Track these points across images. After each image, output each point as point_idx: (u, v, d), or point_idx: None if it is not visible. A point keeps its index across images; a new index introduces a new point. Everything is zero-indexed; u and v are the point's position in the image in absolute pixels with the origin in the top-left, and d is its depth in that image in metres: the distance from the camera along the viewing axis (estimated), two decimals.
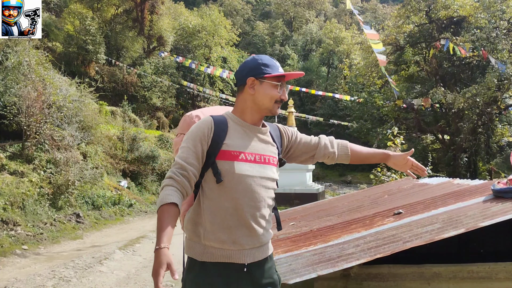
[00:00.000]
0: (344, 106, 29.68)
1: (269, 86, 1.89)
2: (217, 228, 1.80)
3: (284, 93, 1.93)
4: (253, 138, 1.91)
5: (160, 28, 27.31)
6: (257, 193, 1.83)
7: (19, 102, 10.60)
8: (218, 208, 1.81)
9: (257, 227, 1.84)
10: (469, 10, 17.17)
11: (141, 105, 25.00)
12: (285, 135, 2.08)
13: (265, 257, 1.90)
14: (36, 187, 9.97)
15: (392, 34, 19.66)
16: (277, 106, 1.92)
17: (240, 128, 1.90)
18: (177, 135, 2.26)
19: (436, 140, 20.34)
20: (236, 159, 1.81)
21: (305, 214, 4.42)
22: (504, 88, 15.59)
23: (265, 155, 1.90)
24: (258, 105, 1.90)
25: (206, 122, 1.86)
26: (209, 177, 1.83)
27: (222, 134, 1.84)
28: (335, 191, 21.80)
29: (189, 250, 1.87)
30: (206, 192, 1.84)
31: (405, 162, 2.20)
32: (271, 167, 1.92)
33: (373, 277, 2.70)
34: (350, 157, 2.19)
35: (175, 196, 1.72)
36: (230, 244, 1.80)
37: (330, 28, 40.77)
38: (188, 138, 1.85)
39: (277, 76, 1.89)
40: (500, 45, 16.22)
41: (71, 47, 22.13)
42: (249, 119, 1.92)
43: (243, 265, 1.82)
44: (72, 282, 5.97)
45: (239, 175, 1.80)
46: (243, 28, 43.65)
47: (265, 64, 1.91)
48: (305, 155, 2.14)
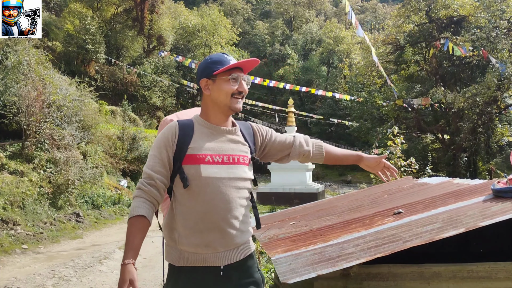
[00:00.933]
0: (344, 105, 29.68)
1: (222, 82, 1.86)
2: (190, 232, 1.80)
3: (241, 85, 1.89)
4: (221, 139, 1.88)
5: (160, 27, 27.32)
6: (227, 194, 1.82)
7: (19, 102, 10.60)
8: (189, 212, 1.80)
9: (229, 229, 1.82)
10: (469, 9, 17.17)
11: (141, 105, 25.01)
12: (259, 133, 2.06)
13: (243, 258, 1.89)
14: (36, 187, 9.97)
15: (392, 33, 19.66)
16: (236, 100, 1.88)
17: (207, 131, 1.88)
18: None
19: (436, 139, 20.35)
20: (202, 162, 1.80)
21: (305, 214, 4.42)
22: (504, 87, 15.59)
23: (234, 155, 1.88)
24: (217, 104, 1.88)
25: (170, 128, 1.85)
26: (178, 182, 1.82)
27: (187, 138, 1.82)
28: (335, 191, 21.80)
29: (167, 255, 1.89)
30: (177, 197, 1.84)
31: (377, 164, 2.24)
32: (242, 167, 1.90)
33: (373, 276, 2.71)
34: (324, 156, 2.21)
35: (143, 207, 1.73)
36: (203, 248, 1.80)
37: (330, 28, 40.76)
38: (154, 146, 1.86)
39: (227, 70, 1.86)
40: (500, 44, 16.22)
41: (71, 47, 22.13)
42: (214, 121, 1.90)
43: (219, 268, 1.81)
44: (72, 282, 5.98)
45: (206, 178, 1.79)
46: (243, 28, 43.66)
47: (214, 61, 1.89)
48: (280, 153, 2.13)
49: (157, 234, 9.59)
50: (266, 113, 31.70)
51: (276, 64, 40.84)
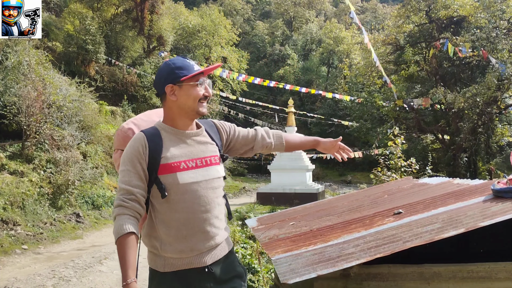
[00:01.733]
0: (344, 106, 29.67)
1: (189, 88, 1.86)
2: (173, 239, 1.81)
3: (207, 89, 1.91)
4: (190, 143, 1.90)
5: (160, 28, 27.31)
6: (205, 196, 1.85)
7: (19, 102, 10.60)
8: (170, 220, 1.81)
9: (211, 229, 1.86)
10: (469, 9, 17.16)
11: (141, 105, 24.99)
12: (223, 130, 2.08)
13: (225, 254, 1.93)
14: (36, 187, 9.97)
15: (392, 34, 19.66)
16: (201, 104, 1.89)
17: (175, 137, 1.88)
18: (115, 150, 2.20)
19: (436, 140, 20.34)
20: (177, 170, 1.81)
21: (305, 214, 4.42)
22: (504, 88, 15.59)
23: (205, 157, 1.90)
24: (184, 109, 1.88)
25: (139, 140, 1.82)
26: (155, 192, 1.82)
27: (157, 148, 1.82)
28: (335, 191, 21.80)
29: (151, 262, 1.91)
30: (156, 207, 1.84)
31: (332, 146, 2.33)
32: (215, 167, 1.92)
33: (373, 277, 2.71)
34: (285, 146, 2.27)
35: (130, 224, 1.72)
36: (188, 252, 1.82)
37: (330, 28, 40.74)
38: (125, 160, 1.82)
39: (194, 76, 1.87)
40: (500, 45, 16.21)
41: (71, 47, 22.12)
42: (180, 126, 1.90)
43: (204, 267, 1.85)
44: (72, 282, 5.97)
45: (184, 184, 1.80)
46: (243, 28, 43.65)
47: (179, 67, 1.88)
48: (244, 147, 2.17)
49: None
50: (266, 113, 31.68)
51: (276, 64, 40.84)
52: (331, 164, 28.84)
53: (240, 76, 21.95)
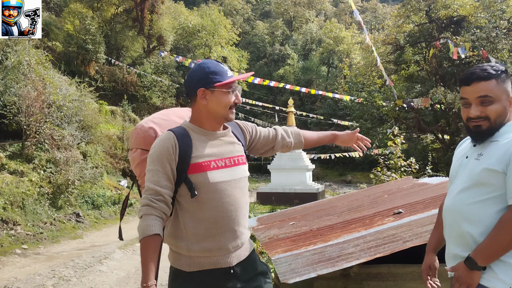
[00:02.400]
0: (344, 105, 29.67)
1: (221, 94, 1.86)
2: (201, 238, 1.82)
3: (237, 97, 1.92)
4: (218, 143, 1.91)
5: (160, 27, 27.29)
6: (234, 195, 1.86)
7: (19, 102, 10.60)
8: (199, 219, 1.82)
9: (239, 228, 1.88)
10: (469, 9, 17.16)
11: (141, 105, 25.00)
12: (246, 130, 2.10)
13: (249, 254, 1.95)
14: (36, 187, 9.97)
15: (392, 33, 19.66)
16: (231, 111, 1.91)
17: (204, 137, 1.89)
18: (131, 149, 2.18)
19: (436, 139, 20.34)
20: (208, 169, 1.82)
21: (305, 214, 4.42)
22: None
23: (233, 157, 1.92)
24: (213, 114, 1.89)
25: (168, 139, 1.82)
26: (184, 192, 1.82)
27: (187, 148, 1.82)
28: (335, 191, 21.79)
29: (175, 261, 1.91)
30: (183, 206, 1.85)
31: (350, 138, 2.34)
32: (242, 167, 1.95)
33: (373, 276, 2.71)
34: (304, 143, 2.29)
35: (156, 225, 1.74)
36: (216, 251, 1.83)
37: (330, 28, 40.72)
38: (154, 160, 1.81)
39: (227, 83, 1.87)
40: (500, 44, 16.22)
41: (71, 47, 22.11)
42: (208, 127, 1.91)
43: (229, 268, 1.85)
44: (72, 282, 5.98)
45: (214, 183, 1.81)
46: (243, 28, 43.63)
47: (213, 72, 1.87)
48: (265, 147, 2.19)
49: None
50: (266, 113, 31.67)
51: (276, 64, 40.82)
52: (331, 164, 28.84)
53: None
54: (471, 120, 1.78)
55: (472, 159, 1.82)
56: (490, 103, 1.74)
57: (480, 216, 1.72)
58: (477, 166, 1.76)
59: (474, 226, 1.73)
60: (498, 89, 1.74)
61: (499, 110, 1.75)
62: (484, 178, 1.72)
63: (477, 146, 1.84)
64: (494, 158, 1.71)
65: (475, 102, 1.76)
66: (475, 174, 1.75)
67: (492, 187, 1.71)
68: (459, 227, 1.78)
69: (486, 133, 1.77)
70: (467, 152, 1.89)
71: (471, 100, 1.78)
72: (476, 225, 1.73)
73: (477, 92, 1.75)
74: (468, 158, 1.85)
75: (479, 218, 1.72)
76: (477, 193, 1.74)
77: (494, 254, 1.66)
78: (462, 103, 1.84)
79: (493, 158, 1.72)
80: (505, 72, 1.79)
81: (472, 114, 1.76)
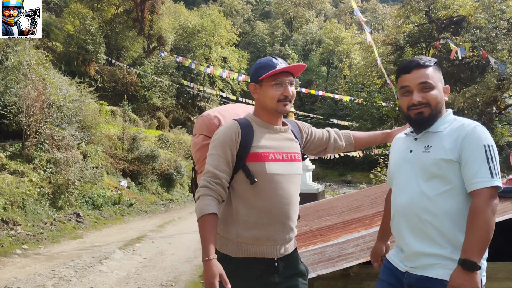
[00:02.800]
0: (344, 105, 29.69)
1: (267, 87, 1.93)
2: (252, 226, 1.88)
3: (286, 89, 1.93)
4: (278, 138, 1.98)
5: (160, 28, 27.31)
6: (288, 189, 1.92)
7: (19, 102, 10.59)
8: (252, 207, 1.88)
9: (289, 222, 1.93)
10: (468, 10, 17.16)
11: (141, 105, 25.01)
12: (303, 131, 2.18)
13: (292, 251, 1.99)
14: (36, 187, 9.97)
15: (392, 34, 19.67)
16: (282, 104, 1.94)
17: (265, 130, 1.96)
18: (194, 135, 2.28)
19: None
20: (266, 160, 1.89)
21: (305, 214, 4.42)
22: (503, 88, 15.60)
23: (291, 153, 1.98)
24: (264, 107, 1.97)
25: (232, 127, 1.90)
26: (240, 179, 1.89)
27: (248, 137, 1.90)
28: (335, 191, 21.80)
29: (223, 247, 1.94)
30: (238, 193, 1.91)
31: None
32: (297, 163, 2.00)
33: (372, 276, 2.71)
34: (354, 145, 2.34)
35: (213, 205, 1.80)
36: (264, 241, 1.89)
37: (330, 28, 40.77)
38: (217, 145, 1.89)
39: (272, 76, 1.91)
40: (499, 45, 16.22)
41: (71, 47, 22.13)
42: (266, 120, 1.99)
43: (273, 260, 1.90)
44: (72, 282, 5.98)
45: (270, 174, 1.88)
46: (243, 28, 43.65)
47: (261, 66, 1.94)
48: (318, 148, 2.26)
49: (157, 235, 9.59)
50: None
51: None
52: (331, 164, 28.85)
53: (240, 76, 21.94)
54: (413, 107, 1.81)
55: (419, 152, 1.82)
56: (430, 89, 1.80)
57: (444, 208, 1.72)
58: (429, 158, 1.77)
59: (438, 219, 1.72)
60: (436, 76, 1.82)
61: (438, 96, 1.81)
62: (441, 169, 1.74)
63: (419, 140, 1.85)
64: (446, 147, 1.74)
65: (416, 88, 1.81)
66: (429, 165, 1.76)
67: (449, 178, 1.73)
68: (422, 222, 1.75)
69: (428, 120, 1.81)
70: (409, 146, 1.89)
71: (412, 87, 1.82)
72: (441, 218, 1.72)
73: (418, 79, 1.80)
74: (413, 152, 1.85)
75: (444, 210, 1.72)
76: (437, 185, 1.74)
77: (484, 247, 1.64)
78: (401, 92, 1.87)
79: (444, 148, 1.74)
80: (436, 63, 1.87)
81: (415, 100, 1.79)
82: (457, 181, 1.73)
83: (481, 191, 1.67)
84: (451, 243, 1.71)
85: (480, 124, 1.79)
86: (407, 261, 1.82)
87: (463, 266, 1.62)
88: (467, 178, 1.69)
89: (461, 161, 1.71)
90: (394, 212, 1.89)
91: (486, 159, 1.70)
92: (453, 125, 1.80)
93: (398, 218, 1.86)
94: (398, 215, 1.86)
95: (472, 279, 1.61)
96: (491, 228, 1.64)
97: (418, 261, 1.76)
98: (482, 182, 1.67)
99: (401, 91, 1.87)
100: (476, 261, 1.62)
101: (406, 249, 1.83)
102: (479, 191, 1.67)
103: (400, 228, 1.85)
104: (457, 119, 1.84)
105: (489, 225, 1.64)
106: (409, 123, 1.92)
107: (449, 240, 1.72)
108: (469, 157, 1.70)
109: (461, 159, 1.71)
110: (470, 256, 1.62)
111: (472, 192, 1.69)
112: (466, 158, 1.70)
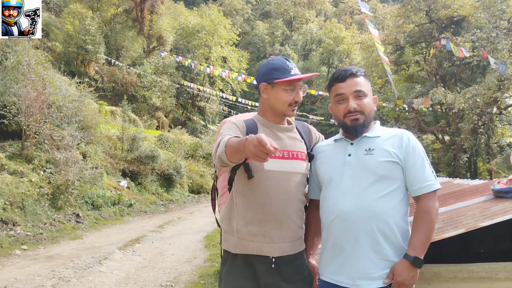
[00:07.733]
0: None
1: (280, 91, 1.94)
2: (248, 221, 1.89)
3: (298, 95, 1.98)
4: (281, 136, 1.99)
5: (159, 27, 27.31)
6: (286, 187, 1.92)
7: (18, 102, 10.59)
8: (250, 203, 1.90)
9: (287, 221, 1.92)
10: (469, 9, 17.17)
11: (140, 105, 24.99)
12: (314, 135, 2.18)
13: (295, 253, 1.96)
14: (36, 187, 9.96)
15: (392, 34, 19.67)
16: (291, 108, 1.98)
17: (268, 129, 1.99)
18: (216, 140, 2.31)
19: (436, 140, 20.34)
20: None
21: None
22: (504, 88, 15.58)
23: (293, 151, 1.98)
24: (273, 108, 1.99)
25: (238, 121, 1.97)
26: (241, 174, 1.92)
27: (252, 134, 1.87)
28: None
29: (225, 243, 1.98)
30: (238, 188, 1.93)
31: None
32: (300, 162, 1.99)
33: None
34: None
35: (233, 135, 1.78)
36: (260, 237, 1.89)
37: (330, 28, 40.74)
38: (226, 126, 1.93)
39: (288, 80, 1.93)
40: (500, 45, 16.21)
41: (70, 47, 22.11)
42: (271, 119, 2.01)
43: (271, 260, 1.89)
44: (71, 282, 5.97)
45: (268, 171, 1.89)
46: (243, 28, 43.65)
47: (276, 68, 1.95)
48: None
49: (157, 235, 9.58)
50: None
51: None
52: None
53: (240, 76, 21.94)
54: (349, 114, 1.88)
55: (360, 155, 1.86)
56: (364, 96, 1.89)
57: (386, 210, 1.77)
58: (374, 160, 1.81)
59: (381, 221, 1.76)
60: (367, 85, 1.92)
61: (370, 104, 1.91)
62: (387, 170, 1.79)
63: (356, 144, 1.89)
64: (390, 150, 1.81)
65: (352, 96, 1.88)
66: (375, 167, 1.80)
67: (394, 179, 1.80)
68: (368, 225, 1.76)
69: (363, 126, 1.88)
70: (346, 150, 1.91)
71: (348, 95, 1.88)
72: (383, 220, 1.76)
73: (352, 87, 1.88)
74: (353, 156, 1.87)
75: (386, 212, 1.77)
76: (381, 187, 1.79)
77: (428, 245, 1.76)
78: (336, 100, 1.93)
79: (388, 151, 1.81)
80: (365, 73, 1.97)
81: (351, 107, 1.86)
82: (399, 182, 1.81)
83: (429, 194, 1.78)
84: (394, 245, 1.78)
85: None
86: (350, 279, 1.78)
87: (413, 263, 1.72)
88: (415, 181, 1.79)
89: (405, 166, 1.80)
90: (334, 218, 1.83)
91: (428, 164, 1.82)
92: (388, 131, 1.90)
93: (338, 223, 1.82)
94: (340, 221, 1.81)
95: (415, 275, 1.75)
96: (434, 228, 1.79)
97: (365, 280, 1.75)
98: (430, 186, 1.78)
99: (336, 99, 1.94)
100: (422, 258, 1.74)
101: (349, 260, 1.79)
102: (428, 194, 1.78)
103: (340, 234, 1.81)
104: (386, 128, 1.95)
105: (434, 225, 1.78)
106: (344, 130, 1.96)
107: (392, 243, 1.78)
108: (415, 162, 1.80)
109: (405, 163, 1.80)
110: (419, 253, 1.73)
111: (422, 195, 1.79)
112: (412, 163, 1.79)
